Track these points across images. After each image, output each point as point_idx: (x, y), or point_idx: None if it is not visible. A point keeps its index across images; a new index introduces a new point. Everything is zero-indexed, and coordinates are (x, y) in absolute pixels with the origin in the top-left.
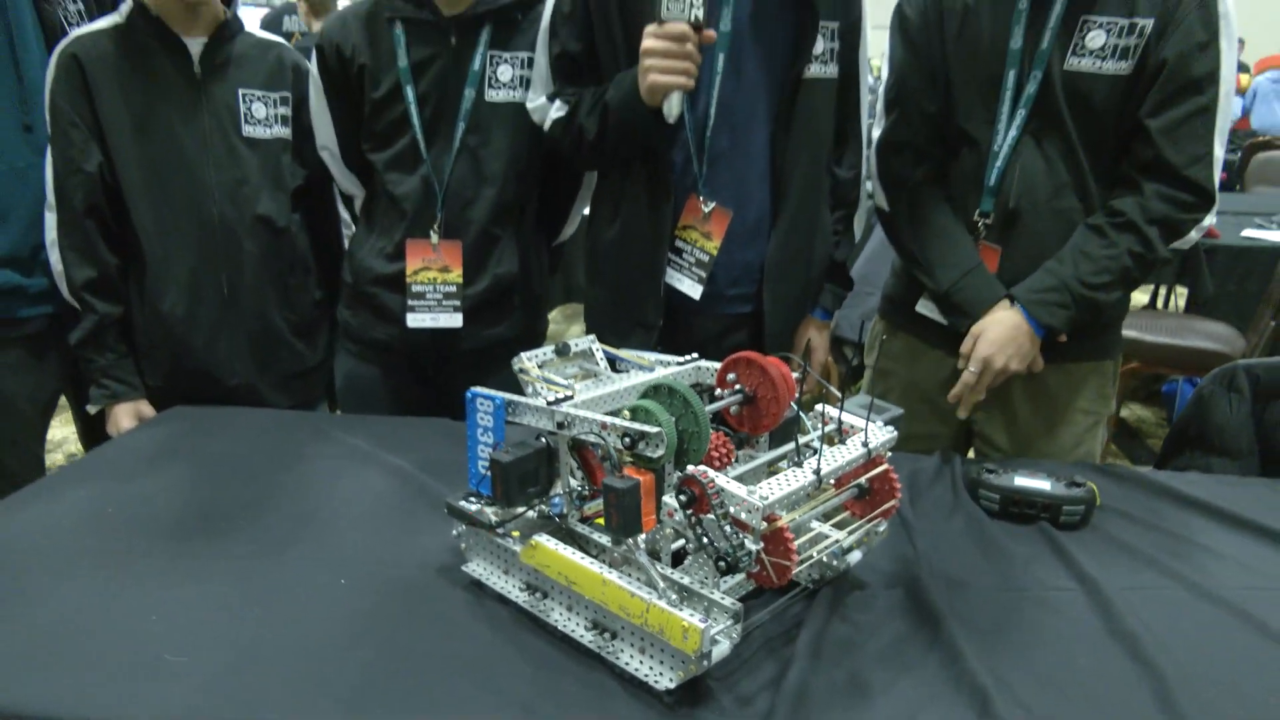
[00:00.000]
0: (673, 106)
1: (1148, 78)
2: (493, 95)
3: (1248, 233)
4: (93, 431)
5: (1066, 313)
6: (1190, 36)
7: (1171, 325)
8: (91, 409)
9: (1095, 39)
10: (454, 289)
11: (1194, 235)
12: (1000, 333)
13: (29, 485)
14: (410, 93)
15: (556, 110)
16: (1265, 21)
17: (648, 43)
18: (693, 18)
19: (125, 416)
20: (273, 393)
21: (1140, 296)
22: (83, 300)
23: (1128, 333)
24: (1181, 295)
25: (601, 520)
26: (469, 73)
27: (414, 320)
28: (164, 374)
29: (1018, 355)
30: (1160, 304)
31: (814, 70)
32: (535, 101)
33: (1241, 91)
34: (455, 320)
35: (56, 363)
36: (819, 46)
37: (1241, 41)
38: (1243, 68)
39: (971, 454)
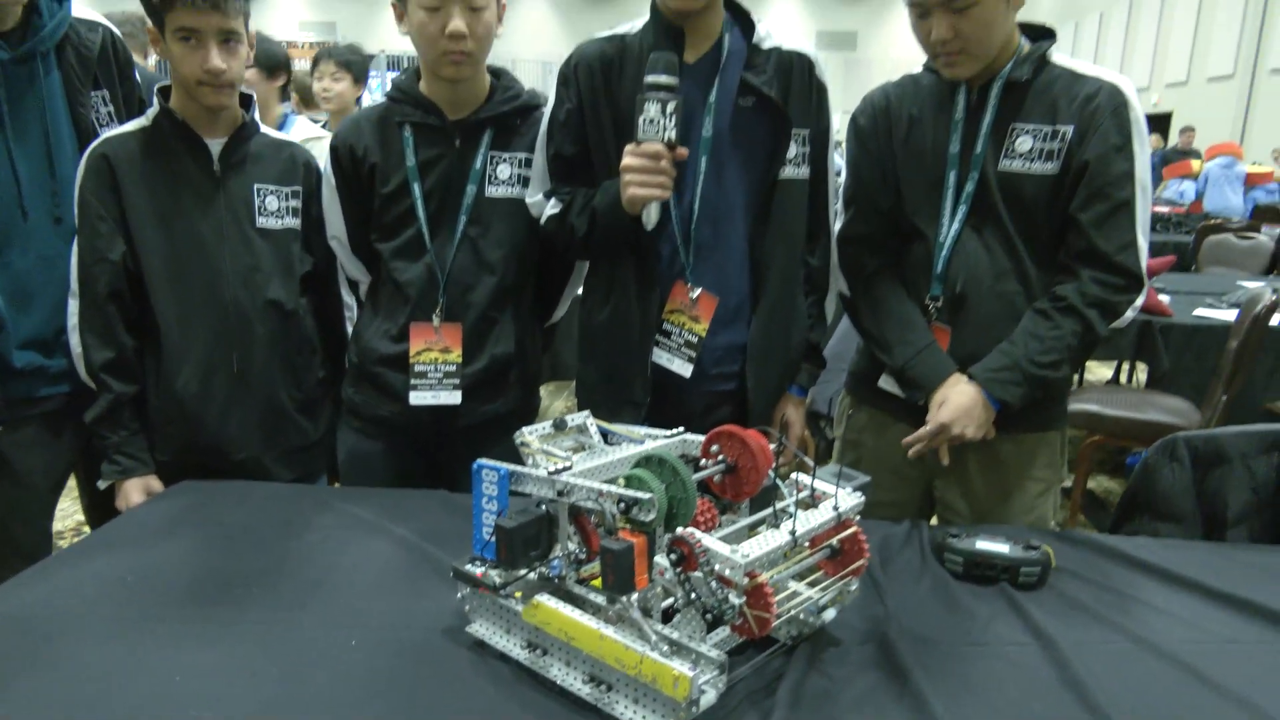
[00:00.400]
0: (651, 215)
1: (1073, 177)
2: (492, 191)
3: (1199, 312)
4: (98, 506)
5: (1019, 389)
6: (1107, 140)
7: (1132, 400)
8: (102, 484)
9: (1024, 143)
10: (454, 368)
11: (1129, 314)
12: (960, 402)
13: (51, 555)
14: (417, 189)
15: (551, 207)
16: (1215, 112)
17: (627, 160)
18: (665, 139)
19: (135, 491)
20: (276, 466)
21: (1104, 371)
22: (99, 380)
23: (1090, 407)
24: (1144, 371)
25: (597, 582)
26: (471, 171)
27: (416, 398)
28: (175, 450)
29: (973, 424)
30: (1124, 379)
31: (788, 172)
32: (533, 197)
33: (1194, 176)
34: (455, 398)
35: (71, 439)
36: (792, 151)
37: (1192, 129)
38: (1195, 154)
39: (935, 520)
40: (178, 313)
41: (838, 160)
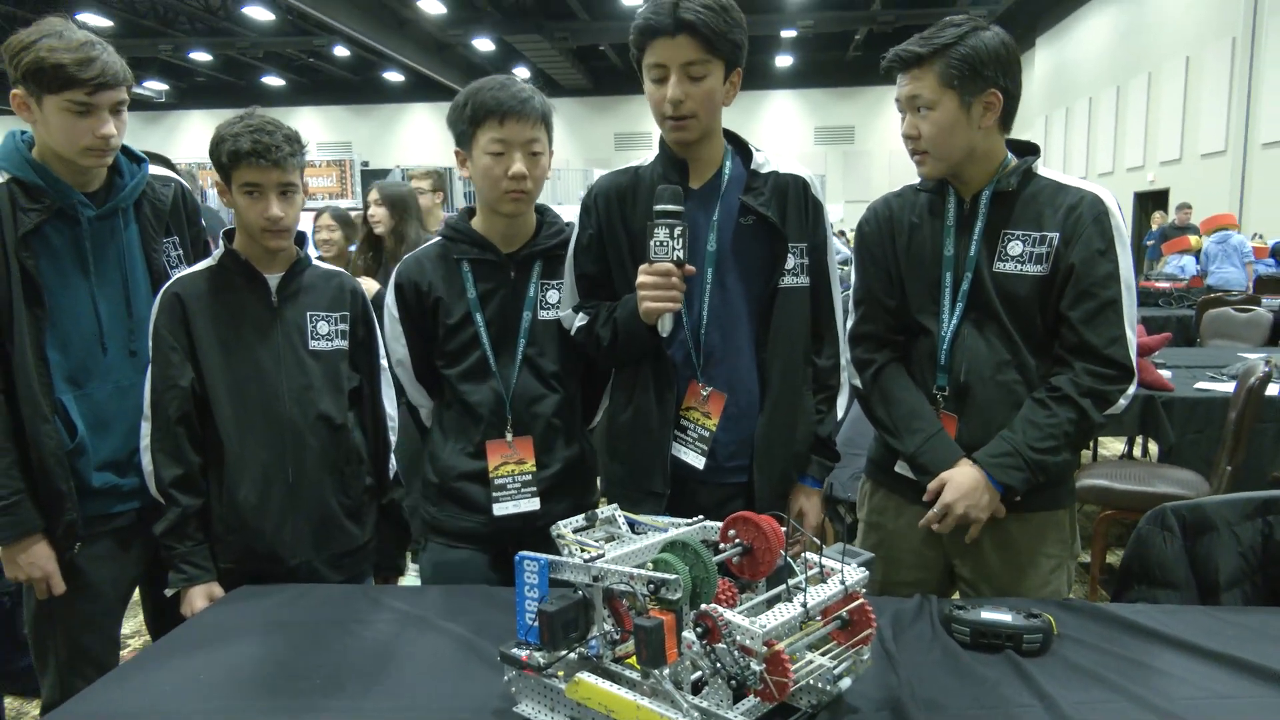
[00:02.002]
0: (665, 324)
1: (1061, 278)
2: (544, 315)
3: (1200, 385)
4: (160, 614)
5: (1021, 474)
6: (1090, 245)
7: (1142, 474)
8: (169, 592)
9: (1014, 247)
10: (529, 477)
11: (1122, 403)
12: (963, 484)
13: (130, 659)
14: (480, 318)
15: (580, 319)
16: (1210, 187)
17: (641, 278)
18: (674, 258)
19: (199, 597)
20: (327, 570)
21: (1117, 446)
22: (168, 495)
23: (1100, 482)
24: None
25: (632, 659)
26: (526, 298)
27: (500, 509)
28: (236, 557)
29: (976, 505)
30: (1137, 453)
31: (787, 282)
32: (564, 312)
33: (1192, 251)
34: (534, 504)
35: (139, 552)
36: (790, 263)
37: (1189, 206)
38: (1192, 229)
39: (957, 595)
40: (239, 431)
41: (843, 249)
